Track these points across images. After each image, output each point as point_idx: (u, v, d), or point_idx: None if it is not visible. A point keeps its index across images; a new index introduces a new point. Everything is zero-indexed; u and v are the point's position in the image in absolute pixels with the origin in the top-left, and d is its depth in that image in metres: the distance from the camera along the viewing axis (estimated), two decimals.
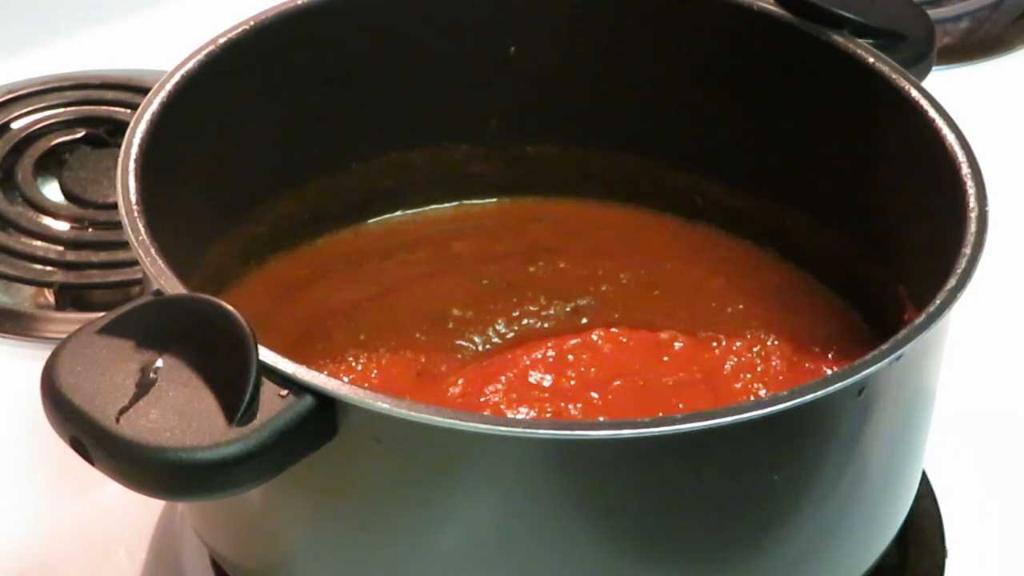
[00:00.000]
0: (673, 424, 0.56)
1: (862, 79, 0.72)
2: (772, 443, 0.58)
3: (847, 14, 0.73)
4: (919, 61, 0.74)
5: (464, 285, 0.77)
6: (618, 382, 0.70)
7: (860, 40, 0.73)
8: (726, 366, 0.72)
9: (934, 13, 1.09)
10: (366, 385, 0.70)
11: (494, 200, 0.83)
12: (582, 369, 0.71)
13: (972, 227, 0.64)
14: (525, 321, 0.75)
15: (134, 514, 0.76)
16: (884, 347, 0.59)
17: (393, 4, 0.77)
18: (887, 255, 0.73)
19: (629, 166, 0.81)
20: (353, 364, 0.72)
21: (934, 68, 0.76)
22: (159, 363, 0.56)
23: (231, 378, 0.55)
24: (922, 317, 0.60)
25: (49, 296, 0.89)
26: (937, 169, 0.67)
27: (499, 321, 0.75)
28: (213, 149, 0.72)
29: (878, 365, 0.58)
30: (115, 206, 0.67)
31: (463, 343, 0.74)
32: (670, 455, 0.57)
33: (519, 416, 0.68)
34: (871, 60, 0.72)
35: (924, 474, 0.75)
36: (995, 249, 0.64)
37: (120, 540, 0.75)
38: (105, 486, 0.57)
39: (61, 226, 0.93)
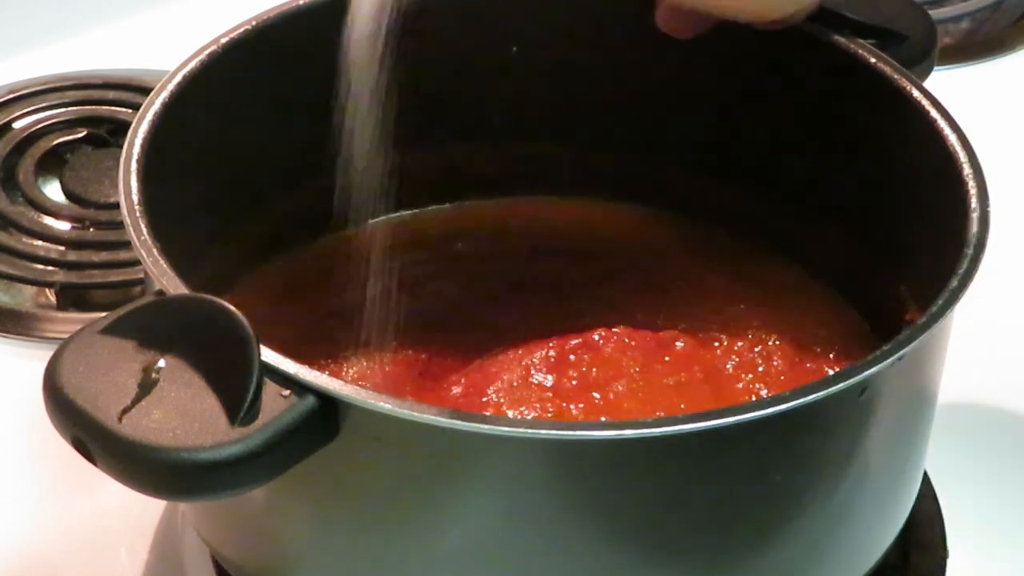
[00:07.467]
0: (675, 425, 0.56)
1: (863, 79, 0.72)
2: (774, 444, 0.58)
3: (848, 14, 0.73)
4: (920, 61, 0.74)
5: (465, 285, 0.77)
6: (619, 382, 0.70)
7: (861, 40, 0.73)
8: (728, 366, 0.72)
9: (935, 13, 1.09)
10: (368, 385, 0.70)
11: (495, 200, 0.83)
12: (583, 369, 0.71)
13: (974, 227, 0.64)
14: (527, 321, 0.75)
15: (135, 514, 0.76)
16: (886, 347, 0.59)
17: (394, 4, 0.77)
18: (889, 255, 0.73)
19: (630, 166, 0.81)
20: (355, 364, 0.72)
21: (935, 68, 0.76)
22: (161, 363, 0.56)
23: (233, 378, 0.55)
24: (924, 317, 0.60)
25: (50, 296, 0.89)
26: (939, 169, 0.67)
27: (500, 321, 0.75)
28: (215, 149, 0.72)
29: (880, 365, 0.58)
30: (116, 206, 0.67)
31: (464, 343, 0.74)
32: (672, 456, 0.57)
33: (521, 416, 0.68)
34: (872, 60, 0.72)
35: (926, 474, 0.75)
36: (997, 249, 0.64)
37: (121, 540, 0.75)
38: (107, 486, 0.57)
39: (62, 226, 0.93)
